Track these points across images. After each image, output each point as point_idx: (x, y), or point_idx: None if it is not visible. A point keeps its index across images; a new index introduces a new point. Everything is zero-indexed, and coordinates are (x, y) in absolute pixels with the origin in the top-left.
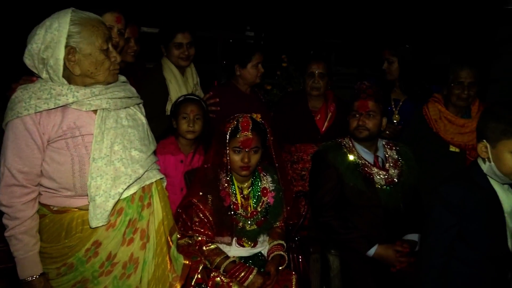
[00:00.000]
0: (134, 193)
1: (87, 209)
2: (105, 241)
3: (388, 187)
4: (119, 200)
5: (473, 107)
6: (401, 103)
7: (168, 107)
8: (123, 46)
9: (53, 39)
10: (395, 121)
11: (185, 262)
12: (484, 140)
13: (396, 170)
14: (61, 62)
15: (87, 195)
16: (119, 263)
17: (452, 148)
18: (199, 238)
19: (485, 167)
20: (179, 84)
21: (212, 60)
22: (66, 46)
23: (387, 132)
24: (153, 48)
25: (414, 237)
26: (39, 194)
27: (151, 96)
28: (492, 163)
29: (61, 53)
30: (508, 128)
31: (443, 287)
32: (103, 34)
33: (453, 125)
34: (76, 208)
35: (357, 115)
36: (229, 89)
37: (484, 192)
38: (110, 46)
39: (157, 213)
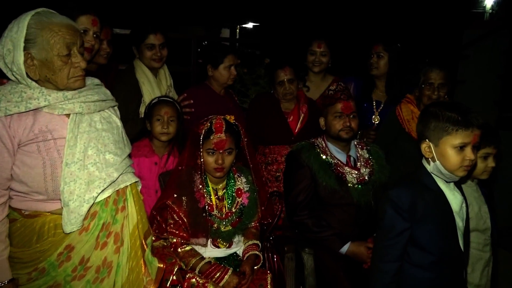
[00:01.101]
0: (108, 197)
1: (60, 213)
2: (78, 245)
3: (359, 186)
4: (93, 203)
5: None
6: (382, 105)
7: (142, 109)
8: (98, 49)
9: (13, 43)
10: (376, 122)
11: (159, 265)
12: (427, 140)
13: (367, 169)
14: (22, 67)
15: (60, 199)
16: (92, 267)
17: None
18: (174, 240)
19: (430, 167)
20: (152, 86)
21: (186, 61)
22: (24, 51)
23: (370, 140)
24: (125, 49)
25: None
26: (10, 198)
27: (124, 98)
28: (437, 161)
29: (20, 58)
30: (447, 125)
31: None
32: (63, 39)
33: None
34: (48, 212)
35: (341, 116)
36: (203, 90)
37: (432, 193)
38: (75, 51)
39: (132, 216)
